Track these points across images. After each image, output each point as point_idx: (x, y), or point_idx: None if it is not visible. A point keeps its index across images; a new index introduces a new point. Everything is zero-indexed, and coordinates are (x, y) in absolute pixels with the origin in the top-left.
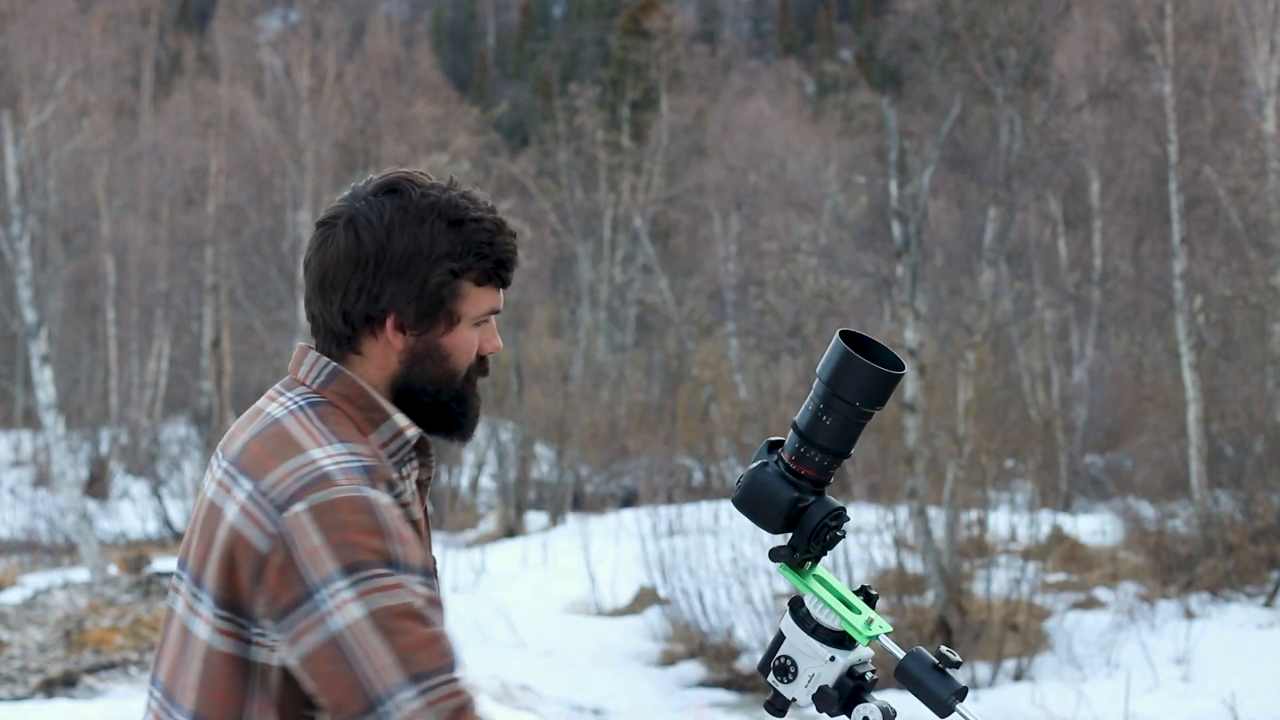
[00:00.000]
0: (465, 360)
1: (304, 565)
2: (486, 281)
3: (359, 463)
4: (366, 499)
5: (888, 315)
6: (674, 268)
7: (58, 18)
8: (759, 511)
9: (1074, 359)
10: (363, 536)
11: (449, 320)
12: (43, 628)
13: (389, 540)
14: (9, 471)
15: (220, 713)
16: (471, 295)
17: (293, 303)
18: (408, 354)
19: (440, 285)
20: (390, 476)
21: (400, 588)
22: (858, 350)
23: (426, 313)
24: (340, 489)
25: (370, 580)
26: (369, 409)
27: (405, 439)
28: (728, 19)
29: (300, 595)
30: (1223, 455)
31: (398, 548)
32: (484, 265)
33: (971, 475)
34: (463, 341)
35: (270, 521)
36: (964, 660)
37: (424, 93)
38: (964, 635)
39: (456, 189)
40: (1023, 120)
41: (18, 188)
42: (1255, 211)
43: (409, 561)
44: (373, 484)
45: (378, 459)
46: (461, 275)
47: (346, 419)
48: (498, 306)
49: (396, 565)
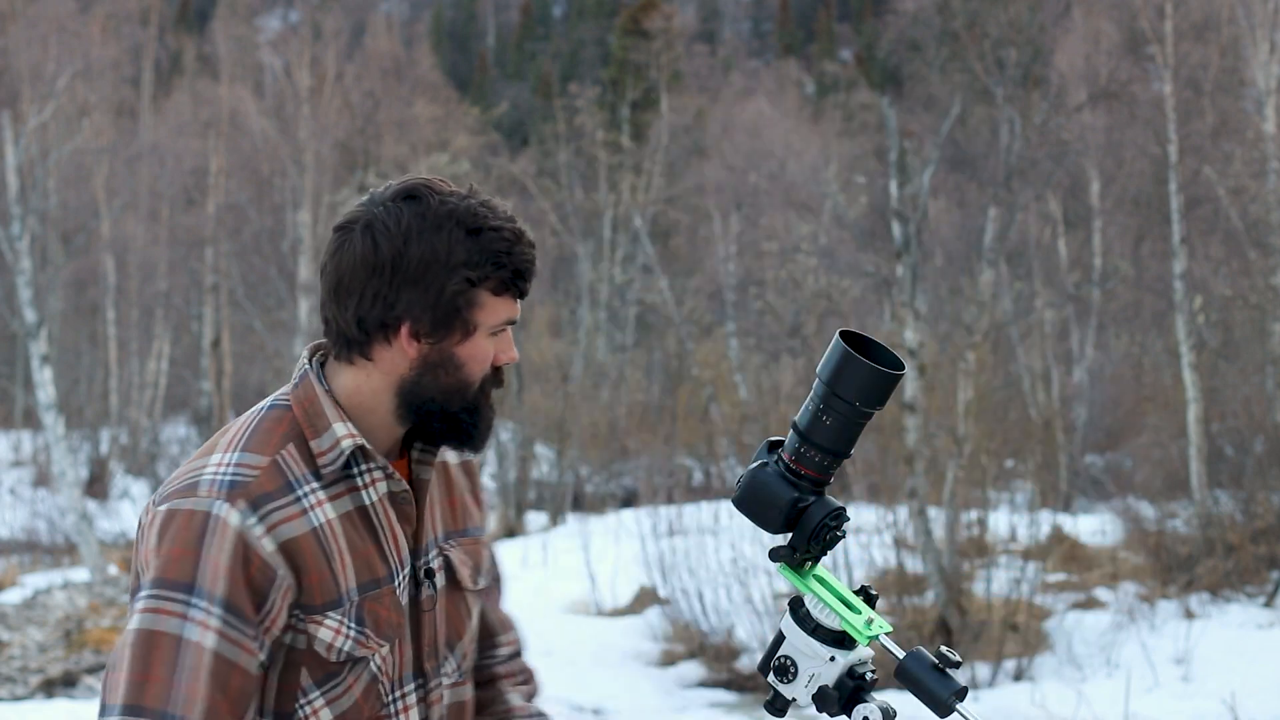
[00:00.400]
0: (479, 370)
1: (139, 566)
2: (504, 291)
3: (235, 476)
4: (206, 515)
5: (888, 315)
6: (674, 268)
7: (58, 18)
8: (759, 511)
9: (1074, 359)
10: (179, 554)
11: (464, 330)
12: (43, 628)
13: (198, 562)
14: (9, 471)
15: None
16: (488, 305)
17: (292, 303)
18: (421, 362)
19: (456, 294)
20: (262, 493)
21: (183, 620)
22: (858, 350)
23: (442, 321)
24: (192, 501)
25: (159, 600)
26: (315, 417)
27: (340, 449)
28: (728, 19)
29: (135, 589)
30: (1223, 455)
31: (203, 572)
32: (501, 275)
33: (971, 475)
34: (478, 351)
35: (145, 513)
36: (964, 660)
37: (424, 93)
38: (964, 635)
39: (476, 197)
40: (1023, 120)
41: (18, 188)
42: (1255, 211)
43: (209, 588)
44: (229, 499)
45: (265, 472)
46: (478, 284)
47: (289, 425)
48: (514, 317)
49: (196, 592)
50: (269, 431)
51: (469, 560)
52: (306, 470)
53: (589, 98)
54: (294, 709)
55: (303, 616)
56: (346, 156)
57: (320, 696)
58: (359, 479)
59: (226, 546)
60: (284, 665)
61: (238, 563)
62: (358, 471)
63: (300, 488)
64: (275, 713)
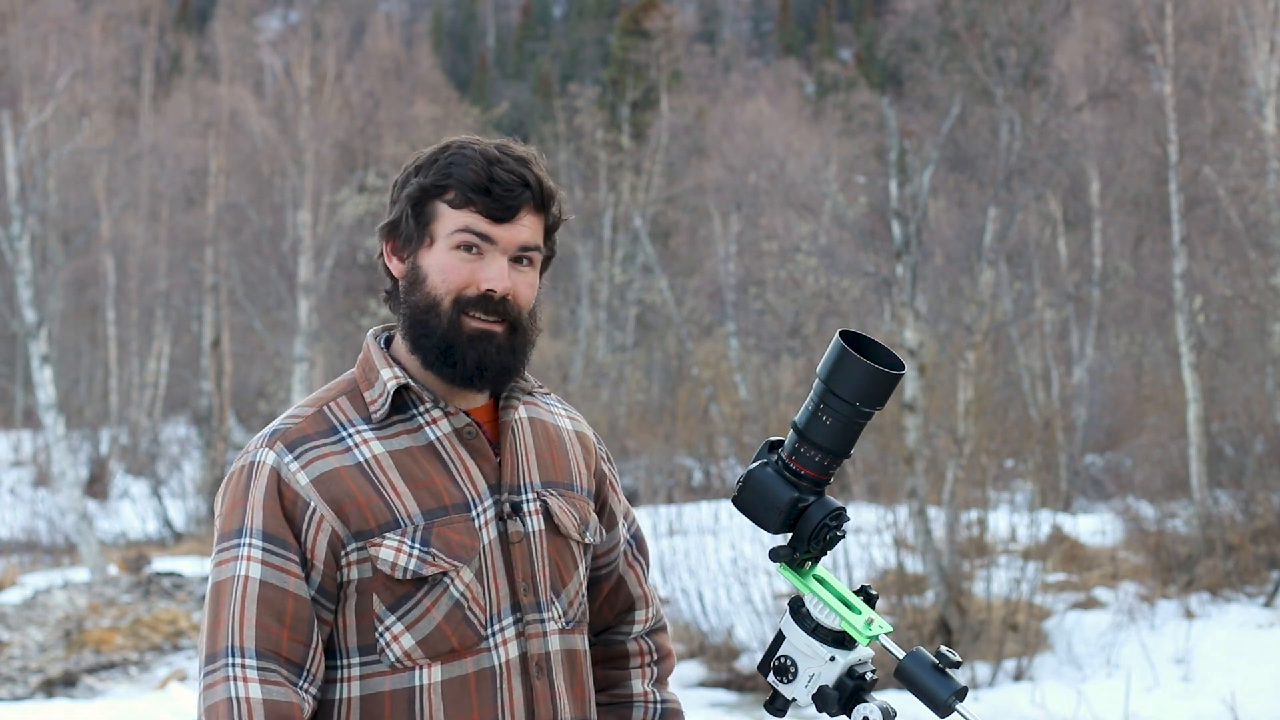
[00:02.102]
0: (442, 284)
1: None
2: (463, 205)
3: (279, 425)
4: (251, 465)
5: (888, 315)
6: (674, 268)
7: (58, 18)
8: (759, 511)
9: (1074, 359)
10: (231, 506)
11: (424, 240)
12: (43, 628)
13: (244, 506)
14: (9, 471)
15: None
16: (445, 215)
17: (292, 303)
18: (403, 282)
19: (409, 199)
20: (300, 435)
21: (231, 561)
22: (857, 350)
23: (404, 231)
24: (242, 458)
25: (219, 553)
26: (369, 370)
27: (386, 390)
28: (728, 19)
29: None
30: (1223, 455)
31: (247, 512)
32: (454, 188)
33: (971, 475)
34: (438, 262)
35: None
36: (964, 660)
37: (424, 93)
38: (964, 635)
39: (496, 141)
40: (1023, 120)
41: (18, 188)
42: (1255, 211)
43: (251, 524)
44: (269, 445)
45: (306, 420)
46: (433, 195)
47: (347, 383)
48: (481, 229)
49: (243, 532)
50: (326, 390)
51: (573, 512)
52: (355, 415)
53: (589, 98)
54: (374, 639)
55: (363, 544)
56: (346, 156)
57: (397, 621)
58: (420, 418)
59: (263, 483)
60: (356, 598)
61: (272, 495)
62: (418, 412)
63: (344, 429)
64: (360, 647)
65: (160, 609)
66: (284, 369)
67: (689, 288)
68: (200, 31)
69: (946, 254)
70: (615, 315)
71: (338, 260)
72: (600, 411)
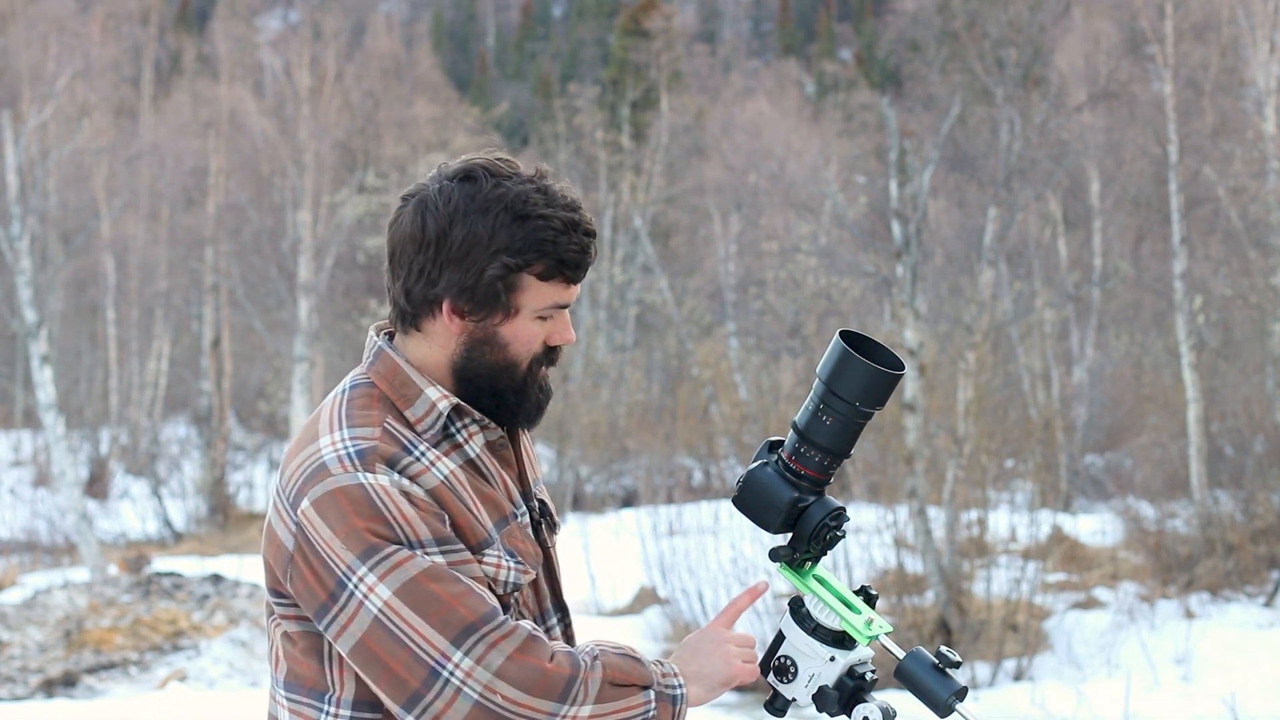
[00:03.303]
0: (524, 350)
1: (326, 558)
2: (551, 277)
3: (355, 447)
4: (360, 485)
5: (888, 315)
6: (674, 268)
7: (58, 18)
8: (759, 511)
9: (1074, 359)
10: (365, 523)
11: (506, 311)
12: (43, 628)
13: (389, 522)
14: (9, 471)
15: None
16: (532, 289)
17: (292, 303)
18: (466, 339)
19: (495, 279)
20: (390, 453)
21: (413, 558)
22: (857, 350)
23: (482, 303)
24: (335, 479)
25: (386, 560)
26: (403, 386)
27: (438, 411)
28: (728, 19)
29: (333, 588)
30: (1223, 455)
31: (399, 528)
32: (545, 263)
33: (971, 475)
34: (521, 332)
35: (291, 520)
36: (964, 660)
37: (424, 93)
38: (964, 635)
39: (537, 181)
40: (1023, 120)
41: (18, 188)
42: (1255, 211)
43: (414, 536)
44: (368, 468)
45: (381, 440)
46: (520, 270)
47: (379, 399)
48: (565, 300)
49: (402, 543)
50: (364, 408)
51: (551, 504)
52: (412, 436)
53: (589, 98)
54: None
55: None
56: (346, 156)
57: None
58: (458, 435)
59: (397, 500)
60: None
61: (413, 509)
62: (455, 429)
63: (415, 449)
64: None
65: (160, 609)
66: (284, 369)
67: (689, 288)
68: (200, 31)
69: (946, 254)
70: (615, 315)
71: (338, 260)
72: (600, 411)
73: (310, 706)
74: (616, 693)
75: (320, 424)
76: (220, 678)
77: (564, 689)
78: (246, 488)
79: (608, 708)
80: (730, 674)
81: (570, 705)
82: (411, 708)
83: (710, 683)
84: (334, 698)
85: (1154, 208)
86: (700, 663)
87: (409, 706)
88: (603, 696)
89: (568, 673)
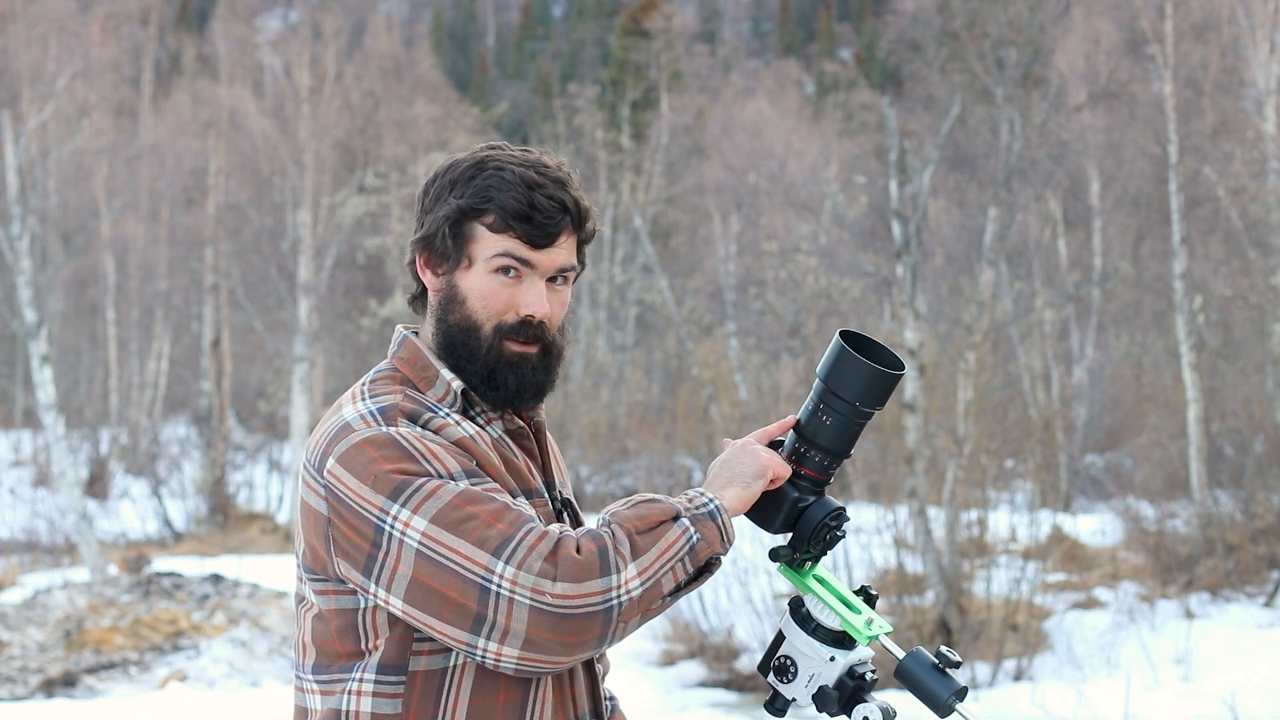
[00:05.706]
0: (483, 309)
1: (360, 510)
2: (502, 230)
3: (376, 405)
4: (383, 434)
5: (888, 315)
6: (674, 268)
7: (58, 18)
8: (759, 511)
9: (1074, 359)
10: (391, 465)
11: (458, 260)
12: (43, 628)
13: (417, 460)
14: (9, 471)
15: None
16: (483, 239)
17: (292, 303)
18: (438, 297)
19: (446, 219)
20: (411, 409)
21: (444, 485)
22: (857, 350)
23: (439, 250)
24: (358, 433)
25: (417, 492)
26: (423, 369)
27: (452, 391)
28: (728, 19)
29: (373, 535)
30: (1223, 455)
31: (427, 463)
32: (492, 211)
33: (971, 475)
34: (477, 285)
35: (319, 485)
36: (964, 660)
37: (424, 93)
38: (964, 635)
39: (531, 155)
40: (1023, 120)
41: (18, 188)
42: (1255, 211)
43: (444, 470)
44: (390, 422)
45: (403, 399)
46: (471, 217)
47: (401, 380)
48: (520, 255)
49: (430, 476)
50: (385, 384)
51: (577, 508)
52: (434, 403)
53: (589, 98)
54: None
55: None
56: (346, 156)
57: None
58: (478, 420)
59: (424, 438)
60: None
61: (439, 448)
62: (475, 414)
63: (438, 410)
64: None
65: (160, 609)
66: (284, 369)
67: (689, 288)
68: (200, 31)
69: (946, 254)
70: (615, 315)
71: (338, 260)
72: (600, 411)
73: (338, 681)
74: (648, 539)
75: (344, 399)
76: (220, 678)
77: (602, 564)
78: (246, 488)
79: (649, 557)
80: (761, 465)
81: (615, 575)
82: (479, 630)
83: (745, 479)
84: (362, 665)
85: (1154, 208)
86: (730, 470)
87: (477, 630)
88: (637, 549)
89: (597, 548)
